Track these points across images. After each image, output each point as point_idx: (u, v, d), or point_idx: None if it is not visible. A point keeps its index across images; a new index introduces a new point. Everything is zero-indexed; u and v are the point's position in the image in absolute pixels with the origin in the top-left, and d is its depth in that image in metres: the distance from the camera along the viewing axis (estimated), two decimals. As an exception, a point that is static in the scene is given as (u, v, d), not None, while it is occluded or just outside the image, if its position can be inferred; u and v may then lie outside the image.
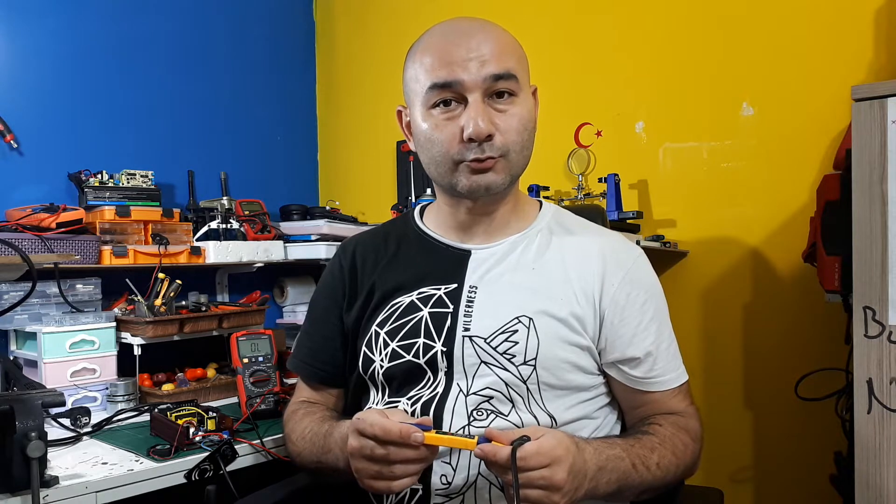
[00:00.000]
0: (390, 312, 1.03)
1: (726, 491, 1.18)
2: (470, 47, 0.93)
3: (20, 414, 0.99)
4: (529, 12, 2.05)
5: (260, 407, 1.42)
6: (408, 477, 0.84)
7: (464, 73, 0.92)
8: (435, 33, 0.98)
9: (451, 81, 0.92)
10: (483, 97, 0.93)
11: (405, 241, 1.11)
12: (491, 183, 0.96)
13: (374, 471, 0.84)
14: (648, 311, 1.00)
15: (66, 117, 1.92)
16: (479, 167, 0.94)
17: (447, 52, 0.93)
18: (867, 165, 1.03)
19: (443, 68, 0.93)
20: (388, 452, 0.82)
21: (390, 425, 0.82)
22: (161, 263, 1.79)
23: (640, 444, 0.91)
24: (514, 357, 0.95)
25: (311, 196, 2.60)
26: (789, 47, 1.64)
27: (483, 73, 0.92)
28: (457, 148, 0.94)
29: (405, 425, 0.82)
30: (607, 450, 0.86)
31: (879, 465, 1.03)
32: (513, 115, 0.95)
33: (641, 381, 0.99)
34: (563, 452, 0.79)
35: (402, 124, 1.07)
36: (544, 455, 0.77)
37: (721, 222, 1.75)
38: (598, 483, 0.84)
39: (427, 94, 0.95)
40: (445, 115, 0.95)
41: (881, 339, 1.03)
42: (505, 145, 0.94)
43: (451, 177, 0.97)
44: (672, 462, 0.92)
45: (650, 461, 0.89)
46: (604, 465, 0.84)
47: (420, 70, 0.96)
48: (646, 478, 0.89)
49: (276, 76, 2.48)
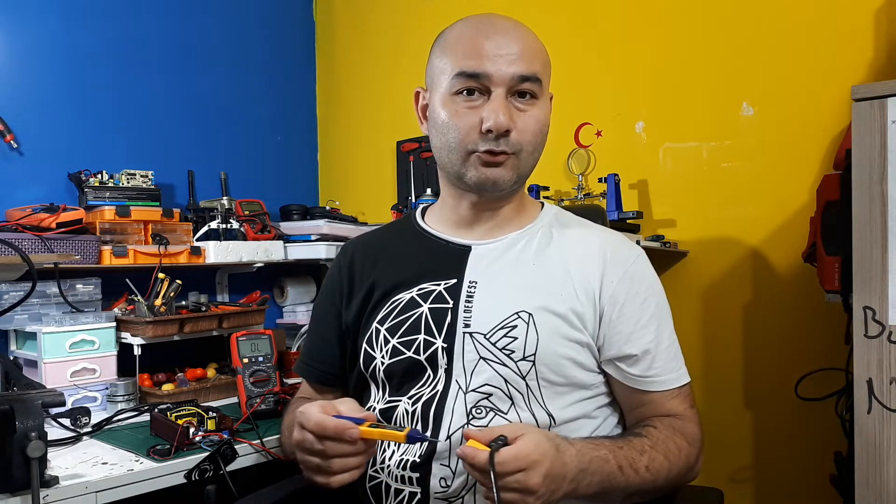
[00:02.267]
0: (390, 309, 1.03)
1: (726, 491, 1.17)
2: (501, 43, 0.95)
3: (20, 414, 0.99)
4: (529, 12, 2.05)
5: (260, 407, 1.42)
6: (347, 472, 0.86)
7: (492, 66, 0.94)
8: (470, 24, 1.00)
9: (479, 73, 0.94)
10: (507, 94, 0.95)
11: (405, 239, 1.12)
12: (499, 178, 0.97)
13: (314, 464, 0.87)
14: (648, 308, 1.00)
15: (66, 117, 1.92)
16: (490, 160, 0.96)
17: (479, 44, 0.95)
18: (867, 165, 1.03)
19: (473, 58, 0.95)
20: (324, 448, 0.84)
21: (326, 422, 0.83)
22: (161, 263, 1.79)
23: (630, 447, 0.90)
24: (513, 353, 0.95)
25: (311, 196, 2.60)
26: (789, 47, 1.64)
27: (511, 71, 0.94)
28: (473, 137, 0.96)
29: (341, 421, 0.83)
30: (592, 451, 0.86)
31: (879, 465, 1.03)
32: (531, 115, 0.97)
33: (639, 380, 0.99)
34: (539, 457, 0.79)
35: (418, 106, 1.08)
36: (521, 460, 0.78)
37: (721, 222, 1.75)
38: (579, 485, 0.84)
39: (453, 81, 0.97)
40: (467, 103, 0.96)
41: (881, 339, 1.02)
42: (519, 143, 0.96)
43: (462, 166, 0.98)
44: (663, 466, 0.91)
45: (639, 464, 0.89)
46: (586, 468, 0.84)
47: (450, 56, 0.98)
48: (633, 480, 0.88)
49: (276, 76, 2.48)
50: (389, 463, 0.96)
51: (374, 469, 0.99)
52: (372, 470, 0.99)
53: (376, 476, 0.98)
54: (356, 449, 0.84)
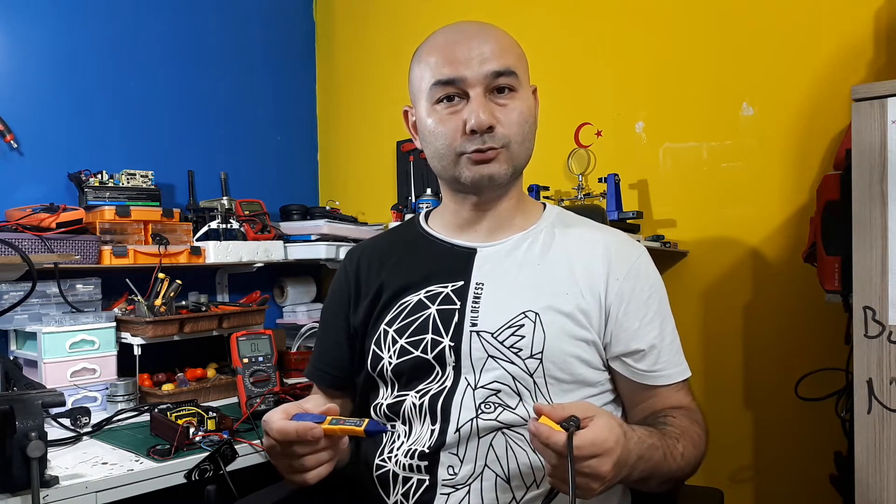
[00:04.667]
0: (398, 311, 1.04)
1: (726, 491, 1.17)
2: (471, 46, 0.98)
3: (20, 414, 0.99)
4: (529, 12, 2.05)
5: (260, 407, 1.42)
6: (321, 466, 0.88)
7: (466, 70, 0.97)
8: (439, 35, 1.03)
9: (455, 78, 0.97)
10: (485, 92, 0.98)
11: (411, 243, 1.13)
12: (494, 173, 0.99)
13: (286, 466, 0.88)
14: (652, 305, 1.02)
15: (66, 117, 1.92)
16: (480, 158, 0.98)
17: (450, 52, 0.99)
18: (867, 165, 1.03)
19: (446, 66, 0.98)
20: (293, 451, 0.86)
21: (287, 427, 0.85)
22: (161, 263, 1.79)
23: (669, 435, 0.92)
24: (520, 351, 0.96)
25: (311, 196, 2.60)
26: (789, 47, 1.64)
27: (484, 70, 0.97)
28: (459, 140, 0.98)
29: (302, 424, 0.84)
30: (648, 438, 0.87)
31: (879, 465, 1.03)
32: (513, 108, 0.99)
33: (646, 375, 1.00)
34: (613, 444, 0.78)
35: (409, 124, 1.11)
36: (598, 446, 0.76)
37: (721, 222, 1.75)
38: (634, 471, 0.84)
39: (431, 91, 1.00)
40: (449, 109, 0.99)
41: (881, 339, 1.02)
42: (506, 136, 0.98)
43: (455, 169, 1.01)
44: (692, 453, 0.93)
45: (676, 451, 0.90)
46: (643, 455, 0.85)
47: (425, 69, 1.01)
48: (672, 467, 0.90)
49: (276, 76, 2.48)
50: (397, 453, 0.98)
51: (381, 458, 1.00)
52: (379, 459, 1.00)
53: (383, 465, 0.99)
54: (324, 444, 0.86)
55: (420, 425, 0.98)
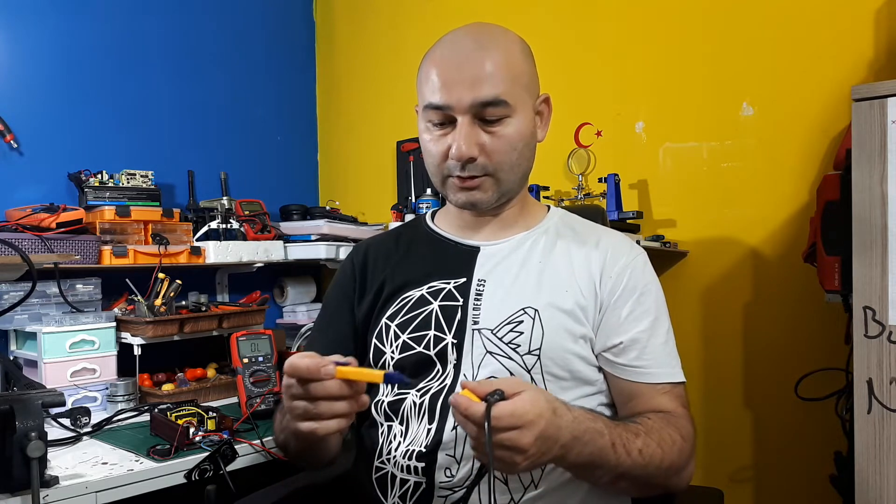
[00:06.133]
0: (400, 306, 1.05)
1: (726, 491, 1.18)
2: (463, 70, 0.96)
3: (20, 414, 0.99)
4: (529, 13, 2.05)
5: (260, 407, 1.42)
6: (334, 418, 0.83)
7: (452, 97, 0.96)
8: (437, 50, 1.01)
9: (441, 105, 0.98)
10: (472, 119, 0.97)
11: (416, 240, 1.14)
12: (478, 200, 1.01)
13: (300, 409, 0.84)
14: (643, 303, 1.01)
15: (65, 117, 1.92)
16: (464, 185, 1.00)
17: (444, 73, 0.98)
18: (867, 165, 1.03)
19: (437, 91, 0.98)
20: (308, 389, 0.82)
21: (299, 362, 0.82)
22: (161, 263, 1.79)
23: (625, 428, 0.90)
24: (518, 347, 0.97)
25: (311, 196, 2.60)
26: (789, 47, 1.64)
27: (470, 99, 0.96)
28: (446, 164, 1.00)
29: (315, 360, 0.82)
30: (588, 422, 0.85)
31: (879, 465, 1.03)
32: (500, 136, 0.98)
33: (627, 369, 0.99)
34: (534, 417, 0.77)
35: None
36: (517, 417, 0.76)
37: (721, 222, 1.75)
38: (569, 452, 0.82)
39: (424, 112, 1.02)
40: (440, 132, 1.00)
41: (881, 339, 1.03)
42: (488, 166, 0.99)
43: (443, 188, 1.05)
44: (656, 453, 0.90)
45: (632, 445, 0.88)
46: (580, 436, 0.83)
47: (424, 83, 1.01)
48: (624, 461, 0.87)
49: (276, 76, 2.48)
50: (395, 454, 0.98)
51: (380, 460, 1.00)
52: (378, 461, 1.00)
53: (382, 467, 1.00)
54: (340, 391, 0.82)
55: (417, 424, 0.98)
